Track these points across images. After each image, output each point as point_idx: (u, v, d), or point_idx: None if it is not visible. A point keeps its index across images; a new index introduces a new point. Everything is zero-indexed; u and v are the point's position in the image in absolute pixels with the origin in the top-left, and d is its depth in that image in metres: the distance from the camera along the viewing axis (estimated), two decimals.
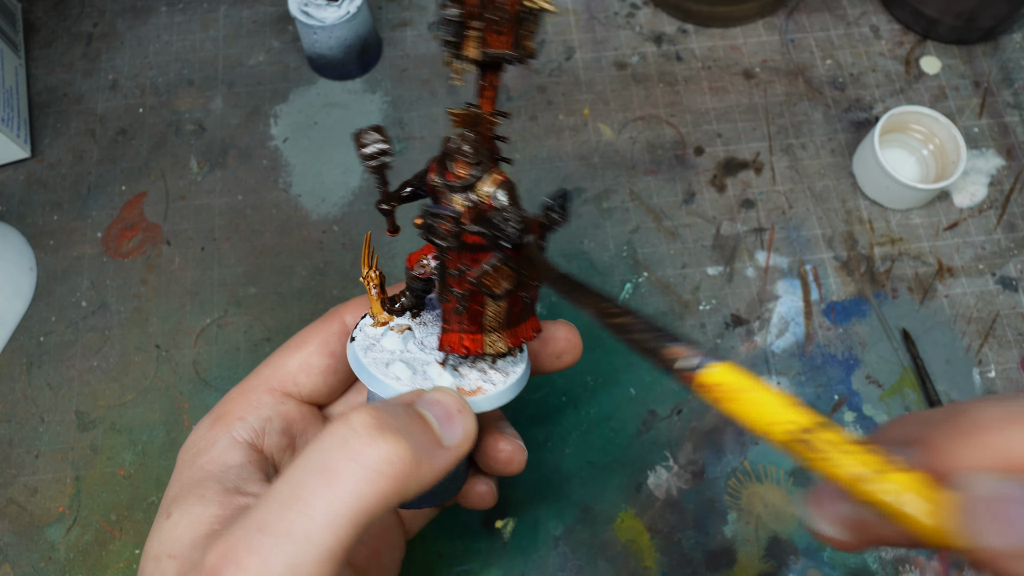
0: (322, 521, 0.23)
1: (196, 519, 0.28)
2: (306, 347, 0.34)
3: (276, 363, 0.34)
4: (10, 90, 0.55)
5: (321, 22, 0.53)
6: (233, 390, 0.34)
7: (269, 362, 0.35)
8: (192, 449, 0.32)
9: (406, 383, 0.30)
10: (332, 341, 0.35)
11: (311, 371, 0.34)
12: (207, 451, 0.31)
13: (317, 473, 0.24)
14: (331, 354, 0.35)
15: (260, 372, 0.34)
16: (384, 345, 0.32)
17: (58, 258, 0.53)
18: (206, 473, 0.30)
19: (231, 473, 0.30)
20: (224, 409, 0.33)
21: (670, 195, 0.55)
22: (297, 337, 0.35)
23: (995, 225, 0.54)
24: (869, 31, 0.61)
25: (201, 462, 0.31)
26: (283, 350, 0.35)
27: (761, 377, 0.50)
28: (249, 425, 0.32)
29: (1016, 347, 0.51)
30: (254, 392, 0.33)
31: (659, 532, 0.46)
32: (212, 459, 0.31)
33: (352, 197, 0.55)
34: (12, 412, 0.48)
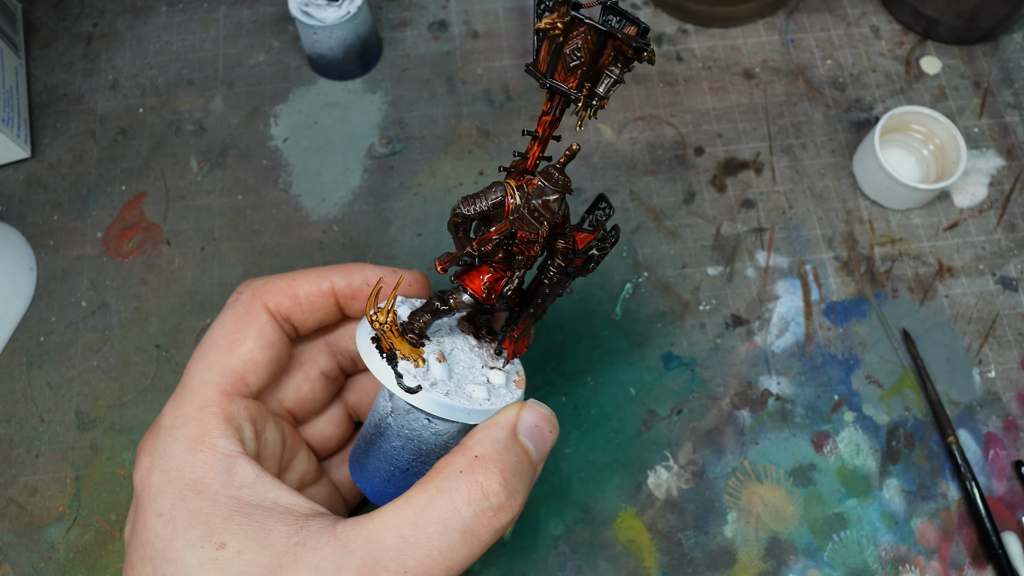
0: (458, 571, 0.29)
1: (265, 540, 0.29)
2: (243, 343, 0.33)
3: (218, 366, 0.33)
4: (10, 90, 0.55)
5: (321, 22, 0.53)
6: (185, 404, 0.32)
7: (208, 365, 0.33)
8: (184, 478, 0.30)
9: (492, 401, 0.33)
10: (268, 332, 0.34)
11: (258, 368, 0.34)
12: (210, 479, 0.30)
13: (459, 533, 0.29)
14: (271, 345, 0.34)
15: (206, 380, 0.32)
16: (435, 376, 0.32)
17: (58, 258, 0.53)
18: (235, 501, 0.29)
19: (256, 491, 0.30)
20: (194, 430, 0.31)
21: (670, 195, 0.55)
22: (223, 331, 0.34)
23: (995, 225, 0.54)
24: (869, 31, 0.61)
25: (214, 493, 0.30)
26: (216, 349, 0.33)
27: (762, 376, 0.50)
28: (232, 439, 0.31)
29: (1016, 347, 0.51)
30: (214, 404, 0.32)
31: (659, 532, 0.46)
32: (226, 486, 0.30)
33: (352, 197, 0.55)
34: (12, 412, 0.48)
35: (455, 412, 0.32)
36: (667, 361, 0.50)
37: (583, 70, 0.28)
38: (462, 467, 0.30)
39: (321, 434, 0.40)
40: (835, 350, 0.51)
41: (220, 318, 0.34)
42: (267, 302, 0.35)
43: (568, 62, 0.28)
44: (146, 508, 0.30)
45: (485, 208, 0.30)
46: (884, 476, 0.47)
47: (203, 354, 0.33)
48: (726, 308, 0.52)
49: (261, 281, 0.35)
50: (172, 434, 0.31)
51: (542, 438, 0.33)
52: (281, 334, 0.35)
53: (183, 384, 0.33)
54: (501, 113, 0.58)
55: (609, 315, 0.51)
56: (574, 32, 0.27)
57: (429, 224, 0.54)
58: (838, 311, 0.52)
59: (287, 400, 0.37)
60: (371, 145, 0.57)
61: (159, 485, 0.30)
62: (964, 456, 0.47)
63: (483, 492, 0.30)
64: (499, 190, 0.30)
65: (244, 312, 0.34)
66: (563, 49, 0.27)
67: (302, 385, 0.37)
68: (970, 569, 0.45)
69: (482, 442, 0.31)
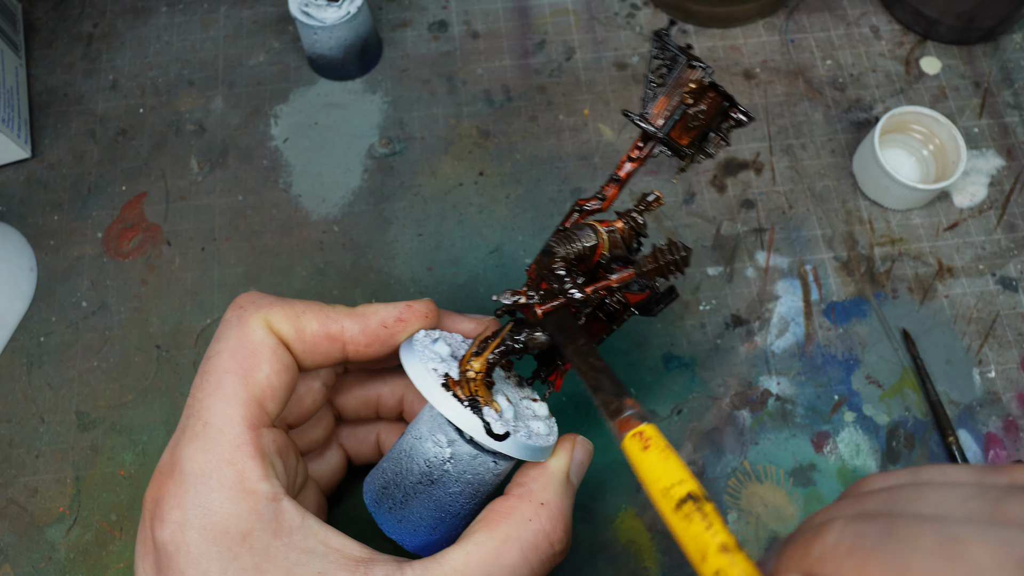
0: None
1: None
2: (260, 370, 0.31)
3: (238, 399, 0.30)
4: (10, 90, 0.55)
5: (321, 22, 0.53)
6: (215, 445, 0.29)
7: (225, 397, 0.30)
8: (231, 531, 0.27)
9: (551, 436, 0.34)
10: (281, 354, 0.32)
11: (276, 395, 0.31)
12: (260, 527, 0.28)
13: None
14: (286, 369, 0.32)
15: (229, 415, 0.29)
16: (510, 419, 0.33)
17: (58, 258, 0.53)
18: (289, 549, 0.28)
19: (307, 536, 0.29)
20: (232, 475, 0.28)
21: (670, 195, 0.55)
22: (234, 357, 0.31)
23: (995, 225, 0.54)
24: (869, 31, 0.61)
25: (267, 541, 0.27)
26: (228, 376, 0.30)
27: (762, 377, 0.50)
28: (271, 478, 0.29)
29: (1016, 347, 0.51)
30: (246, 443, 0.29)
31: (659, 532, 0.46)
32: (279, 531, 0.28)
33: (352, 197, 0.55)
34: (12, 412, 0.48)
35: (536, 453, 0.32)
36: (667, 361, 0.50)
37: (699, 131, 0.29)
38: (531, 516, 0.31)
39: (309, 437, 0.38)
40: (835, 350, 0.51)
41: (224, 339, 0.31)
42: (273, 325, 0.32)
43: (688, 123, 0.29)
44: (184, 571, 0.27)
45: (582, 250, 0.31)
46: None
47: (217, 384, 0.30)
48: (726, 308, 0.52)
49: (265, 300, 0.33)
50: (205, 483, 0.28)
51: (583, 472, 0.35)
52: (291, 357, 0.32)
53: (202, 421, 0.29)
54: (501, 113, 0.58)
55: None
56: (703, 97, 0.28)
57: (429, 224, 0.54)
58: (838, 311, 0.52)
59: (290, 416, 0.35)
60: (371, 145, 0.57)
61: (199, 544, 0.27)
62: (964, 456, 0.47)
63: (550, 541, 0.31)
64: (593, 233, 0.31)
65: (251, 333, 0.31)
66: (687, 110, 0.29)
67: (304, 398, 0.36)
68: None
69: (545, 488, 0.32)
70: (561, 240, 0.30)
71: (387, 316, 0.34)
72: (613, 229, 0.31)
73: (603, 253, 0.31)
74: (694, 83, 0.27)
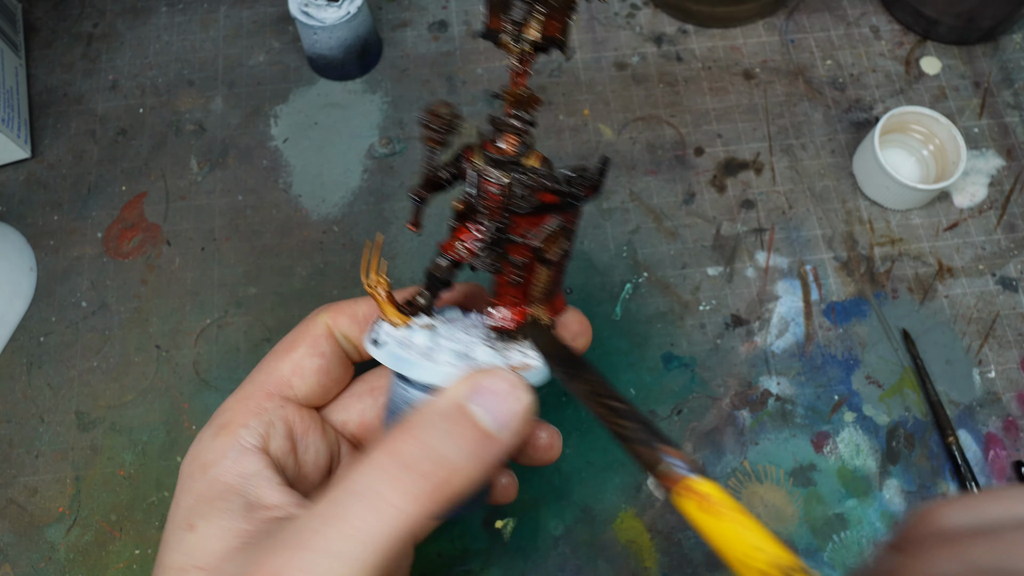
0: (371, 542, 0.25)
1: (225, 531, 0.28)
2: (296, 350, 0.35)
3: (269, 368, 0.34)
4: (10, 90, 0.55)
5: (321, 22, 0.53)
6: (230, 399, 0.34)
7: (262, 368, 0.34)
8: (199, 460, 0.31)
9: (458, 368, 0.30)
10: (320, 342, 0.35)
11: (304, 373, 0.34)
12: (218, 462, 0.31)
13: (365, 497, 0.25)
14: (321, 355, 0.35)
15: (254, 379, 0.34)
16: (415, 342, 0.31)
17: (58, 258, 0.53)
18: (224, 485, 0.30)
19: (249, 483, 0.30)
20: (225, 418, 0.32)
21: (670, 195, 0.55)
22: (284, 342, 0.35)
23: (995, 225, 0.54)
24: (869, 31, 0.61)
25: (215, 473, 0.30)
26: (272, 356, 0.35)
27: (762, 377, 0.50)
28: (254, 431, 0.32)
29: (1016, 347, 0.51)
30: (252, 398, 0.33)
31: (659, 532, 0.46)
32: (226, 469, 0.30)
33: (352, 197, 0.55)
34: (12, 412, 0.48)
35: (412, 368, 0.30)
36: (667, 361, 0.50)
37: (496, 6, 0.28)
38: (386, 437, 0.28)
39: None
40: (835, 350, 0.51)
41: (288, 334, 0.36)
42: (327, 319, 0.36)
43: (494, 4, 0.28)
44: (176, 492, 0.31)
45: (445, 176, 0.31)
46: (884, 476, 0.47)
47: (262, 362, 0.35)
48: (726, 308, 0.52)
49: (338, 303, 0.37)
50: (209, 423, 0.33)
51: (501, 404, 0.28)
52: (335, 347, 0.35)
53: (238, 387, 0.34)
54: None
55: (609, 315, 0.51)
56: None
57: (429, 224, 0.54)
58: (838, 311, 0.52)
59: (351, 423, 0.37)
60: (371, 145, 0.57)
61: (181, 468, 0.31)
62: (964, 456, 0.47)
63: (399, 458, 0.26)
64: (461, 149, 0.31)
65: (303, 325, 0.35)
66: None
67: (368, 411, 0.37)
68: None
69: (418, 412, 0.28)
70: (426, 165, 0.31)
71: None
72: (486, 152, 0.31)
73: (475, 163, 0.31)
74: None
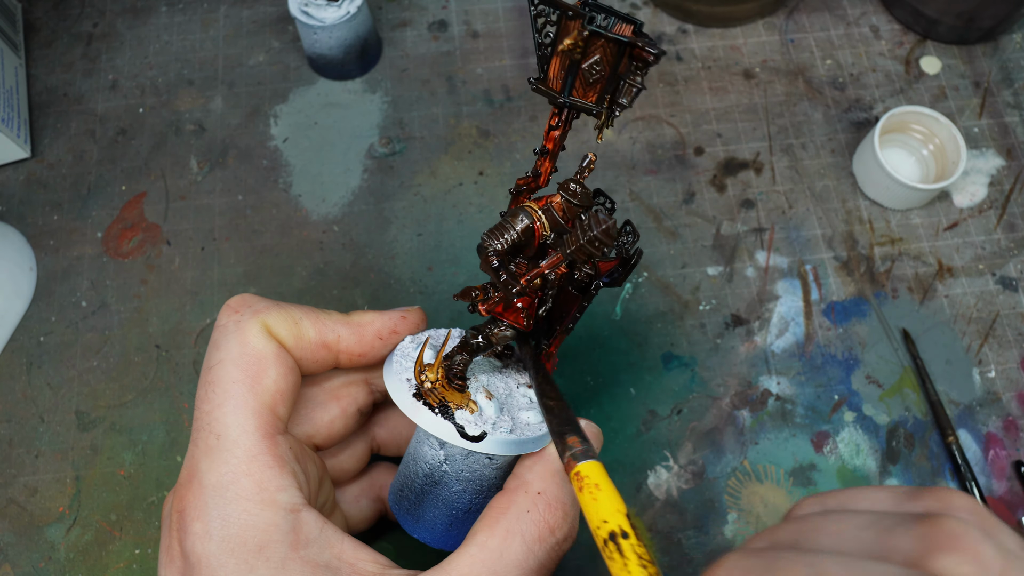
0: None
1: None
2: (267, 375, 0.31)
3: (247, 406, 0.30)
4: (10, 90, 0.55)
5: (321, 22, 0.53)
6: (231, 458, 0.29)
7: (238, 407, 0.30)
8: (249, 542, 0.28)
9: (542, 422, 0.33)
10: (284, 357, 0.32)
11: (285, 398, 0.31)
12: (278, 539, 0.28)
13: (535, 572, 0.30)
14: (291, 371, 0.32)
15: (243, 426, 0.29)
16: (489, 414, 0.32)
17: (58, 258, 0.53)
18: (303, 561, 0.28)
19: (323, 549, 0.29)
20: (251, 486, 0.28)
21: (670, 195, 0.55)
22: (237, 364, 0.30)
23: (995, 225, 0.54)
24: (869, 31, 0.61)
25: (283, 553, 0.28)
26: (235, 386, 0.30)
27: (762, 376, 0.50)
28: (290, 490, 0.29)
29: (1016, 347, 0.51)
30: (263, 453, 0.29)
31: (659, 532, 0.46)
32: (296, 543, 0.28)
33: (352, 197, 0.55)
34: (12, 412, 0.48)
35: (523, 446, 0.32)
36: (667, 361, 0.50)
37: (603, 84, 0.27)
38: (528, 507, 0.30)
39: (341, 466, 0.39)
40: (835, 350, 0.51)
41: (224, 346, 0.31)
42: (272, 330, 0.32)
43: (587, 78, 0.26)
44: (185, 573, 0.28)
45: (516, 239, 0.29)
46: (884, 476, 0.47)
47: (224, 394, 0.30)
48: (726, 308, 0.52)
49: (260, 303, 0.32)
50: (224, 494, 0.28)
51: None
52: (293, 361, 0.32)
53: (215, 434, 0.29)
54: (501, 113, 0.58)
55: (609, 315, 0.51)
56: (592, 47, 0.26)
57: (429, 224, 0.54)
58: (838, 311, 0.52)
59: (318, 436, 0.35)
60: (371, 145, 0.57)
61: (219, 556, 0.27)
62: (964, 456, 0.47)
63: (550, 529, 0.30)
64: (525, 216, 0.29)
65: (252, 339, 0.31)
66: (581, 65, 0.26)
67: (336, 421, 0.36)
68: None
69: (542, 477, 0.31)
70: (491, 232, 0.29)
71: (382, 328, 0.34)
72: (548, 206, 0.29)
73: (543, 233, 0.29)
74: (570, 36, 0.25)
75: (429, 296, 0.52)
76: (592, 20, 0.26)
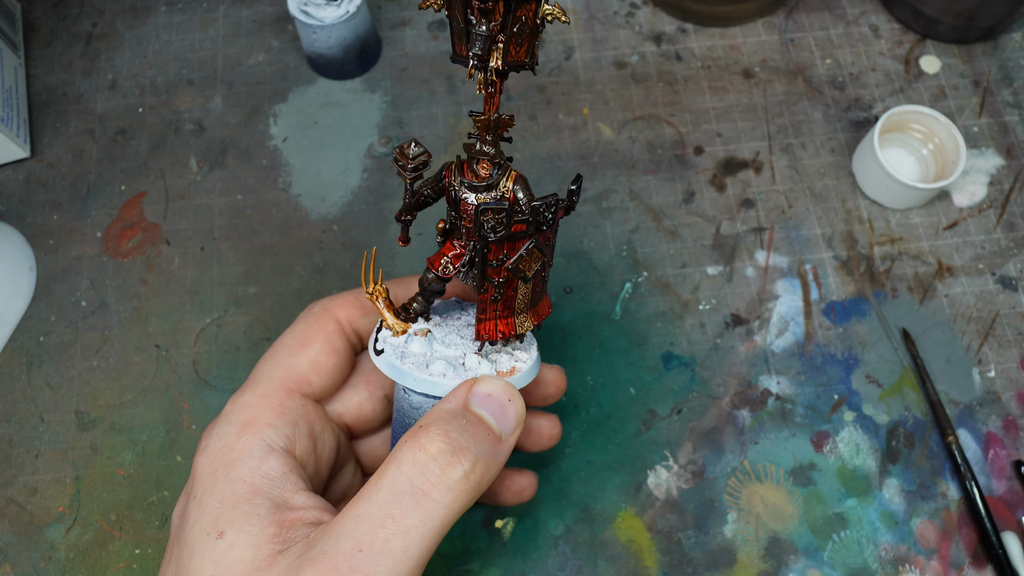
0: (416, 537, 0.27)
1: (255, 539, 0.28)
2: (310, 346, 0.34)
3: (284, 364, 0.34)
4: (10, 90, 0.55)
5: (320, 22, 0.53)
6: (248, 395, 0.33)
7: (275, 363, 0.34)
8: (223, 458, 0.30)
9: (451, 378, 0.33)
10: (334, 339, 0.35)
11: (321, 370, 0.34)
12: (243, 461, 0.30)
13: (408, 495, 0.27)
14: (336, 351, 0.35)
15: (271, 375, 0.33)
16: (412, 350, 0.34)
17: (58, 258, 0.53)
18: (250, 487, 0.29)
19: (275, 485, 0.30)
20: (248, 415, 0.32)
21: (670, 195, 0.55)
22: (293, 336, 0.35)
23: (995, 224, 0.54)
24: (869, 30, 0.61)
25: (239, 474, 0.30)
26: (284, 351, 0.34)
27: (762, 376, 0.50)
28: (280, 432, 0.31)
29: (1016, 347, 0.51)
30: (274, 396, 0.33)
31: (659, 532, 0.46)
32: (251, 470, 0.30)
33: (352, 197, 0.55)
34: (12, 412, 0.48)
35: (404, 376, 0.33)
36: (667, 361, 0.50)
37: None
38: (407, 438, 0.30)
39: (374, 452, 0.40)
40: (835, 350, 0.51)
41: (292, 327, 0.36)
42: (337, 314, 0.36)
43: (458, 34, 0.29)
44: (189, 489, 0.31)
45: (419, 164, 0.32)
46: (884, 476, 0.47)
47: (272, 355, 0.34)
48: (726, 308, 0.52)
49: (331, 297, 0.37)
50: (228, 418, 0.32)
51: (500, 406, 0.32)
52: (346, 344, 0.36)
53: (250, 379, 0.34)
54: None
55: (609, 315, 0.51)
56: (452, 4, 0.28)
57: (429, 224, 0.54)
58: (838, 311, 0.52)
59: (347, 415, 0.37)
60: (371, 145, 0.57)
61: (202, 465, 0.31)
62: (964, 456, 0.47)
63: (427, 453, 0.28)
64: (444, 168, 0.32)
65: (314, 321, 0.35)
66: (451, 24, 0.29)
67: (365, 403, 0.37)
68: (970, 569, 0.45)
69: (428, 415, 0.31)
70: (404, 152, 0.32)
71: None
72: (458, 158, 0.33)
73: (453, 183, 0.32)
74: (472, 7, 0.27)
75: None
76: None
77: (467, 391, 0.32)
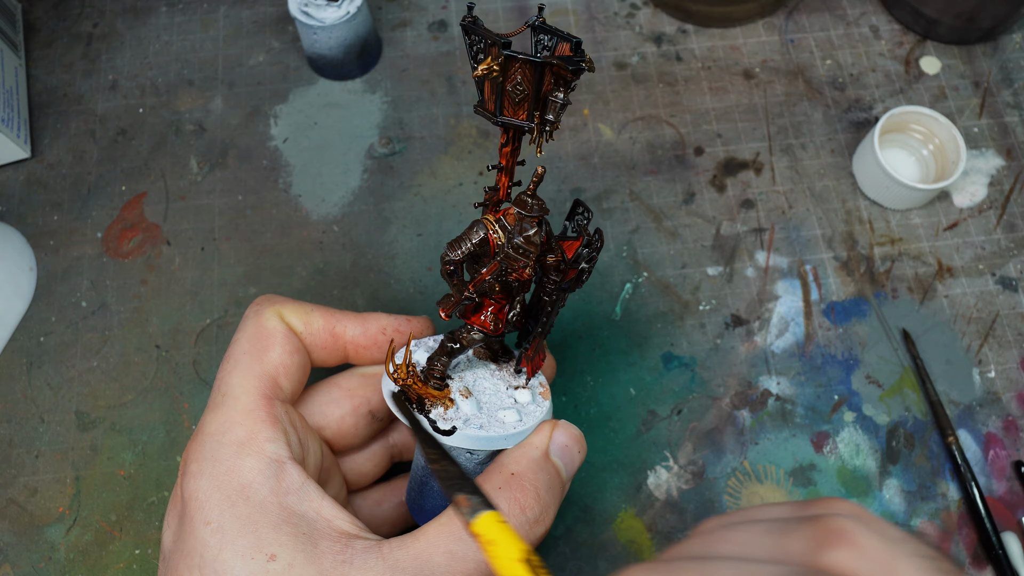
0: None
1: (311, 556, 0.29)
2: (273, 349, 0.34)
3: (253, 372, 0.33)
4: (10, 90, 0.55)
5: (321, 22, 0.53)
6: (228, 411, 0.32)
7: (244, 372, 0.33)
8: (232, 483, 0.30)
9: (525, 422, 0.35)
10: (291, 339, 0.35)
11: (290, 372, 0.34)
12: (259, 483, 0.30)
13: None
14: (297, 350, 0.35)
15: (245, 387, 0.33)
16: (466, 411, 0.34)
17: (58, 258, 0.53)
18: (280, 507, 0.29)
19: (302, 500, 0.30)
20: (241, 434, 0.31)
21: (670, 195, 0.55)
22: (251, 341, 0.34)
23: (995, 225, 0.54)
24: (869, 31, 0.61)
25: (262, 496, 0.29)
26: (246, 357, 0.34)
27: (762, 376, 0.50)
28: (279, 444, 0.31)
29: (1016, 347, 0.51)
30: (259, 409, 0.32)
31: (659, 532, 0.46)
32: (272, 491, 0.30)
33: (352, 197, 0.55)
34: (12, 412, 0.48)
35: (493, 442, 0.33)
36: (667, 361, 0.50)
37: (529, 101, 0.29)
38: (500, 484, 0.32)
39: (358, 469, 0.40)
40: (835, 350, 0.51)
41: (241, 331, 0.35)
42: (285, 316, 0.35)
43: (513, 98, 0.29)
44: (194, 516, 0.30)
45: (471, 249, 0.31)
46: (884, 476, 0.47)
47: (234, 364, 0.33)
48: (726, 308, 0.52)
49: (279, 298, 0.37)
50: (219, 439, 0.31)
51: (571, 457, 0.35)
52: (301, 344, 0.36)
53: (221, 393, 0.33)
54: None
55: (609, 315, 0.51)
56: (511, 70, 0.28)
57: (429, 224, 0.54)
58: (838, 311, 0.52)
59: (327, 429, 0.37)
60: (371, 145, 0.57)
61: (207, 491, 0.30)
62: (964, 456, 0.47)
63: (520, 507, 0.31)
64: (480, 228, 0.31)
65: (266, 321, 0.35)
66: (505, 87, 0.29)
67: (347, 418, 0.37)
68: (970, 569, 0.45)
69: (518, 461, 0.33)
70: (451, 244, 0.31)
71: (387, 324, 0.37)
72: (502, 218, 0.31)
73: (498, 242, 0.31)
74: (484, 64, 0.27)
75: (429, 296, 0.52)
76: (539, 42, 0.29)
77: (548, 439, 0.34)
